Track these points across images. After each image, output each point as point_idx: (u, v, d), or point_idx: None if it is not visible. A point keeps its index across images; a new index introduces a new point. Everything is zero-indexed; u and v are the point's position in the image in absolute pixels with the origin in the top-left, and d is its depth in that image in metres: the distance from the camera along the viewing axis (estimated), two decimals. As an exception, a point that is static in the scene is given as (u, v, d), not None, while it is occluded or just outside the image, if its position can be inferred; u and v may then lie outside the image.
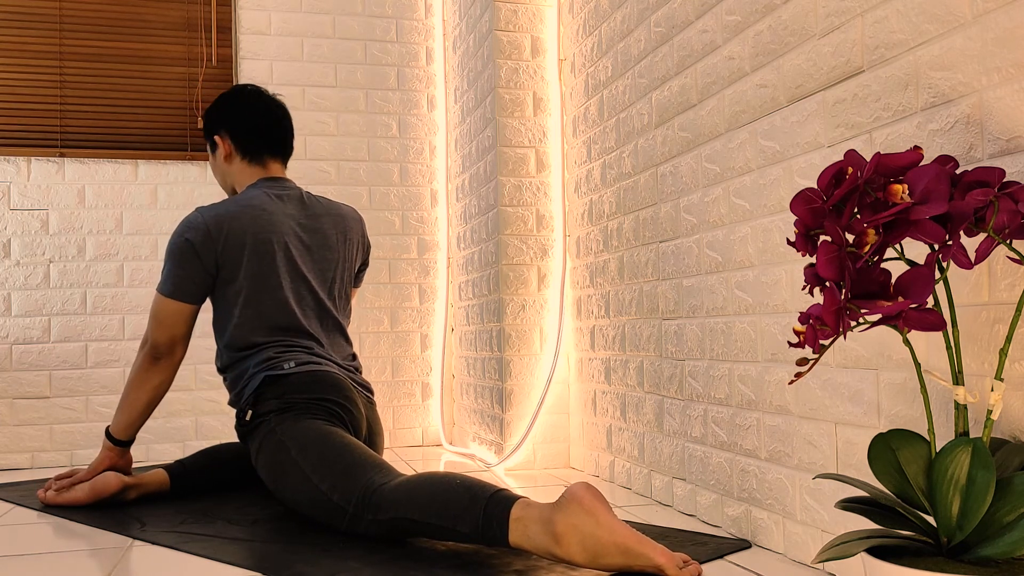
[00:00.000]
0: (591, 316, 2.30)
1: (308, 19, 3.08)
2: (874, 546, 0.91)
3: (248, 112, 2.11)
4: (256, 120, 2.10)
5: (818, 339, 0.92)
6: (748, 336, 1.54)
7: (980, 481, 0.86)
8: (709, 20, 1.67)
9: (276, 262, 1.98)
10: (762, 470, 1.50)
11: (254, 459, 1.86)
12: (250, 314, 1.95)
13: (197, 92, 2.97)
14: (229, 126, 2.12)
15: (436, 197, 3.16)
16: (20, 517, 1.90)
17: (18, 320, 2.79)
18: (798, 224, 0.96)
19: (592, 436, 2.30)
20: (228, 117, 2.12)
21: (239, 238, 1.95)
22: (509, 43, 2.49)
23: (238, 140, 2.11)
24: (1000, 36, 1.02)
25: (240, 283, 1.96)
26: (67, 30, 2.88)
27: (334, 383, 1.89)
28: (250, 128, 2.10)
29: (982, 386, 1.05)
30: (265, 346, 1.94)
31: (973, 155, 1.06)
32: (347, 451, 1.66)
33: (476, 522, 1.39)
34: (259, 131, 2.10)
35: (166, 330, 1.98)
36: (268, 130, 2.11)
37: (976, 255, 0.90)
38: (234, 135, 2.11)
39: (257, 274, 1.96)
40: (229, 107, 2.13)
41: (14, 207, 2.81)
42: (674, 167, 1.82)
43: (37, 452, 2.78)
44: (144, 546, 1.60)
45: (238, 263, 1.96)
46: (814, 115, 1.36)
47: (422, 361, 3.12)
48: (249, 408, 1.88)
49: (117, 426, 2.02)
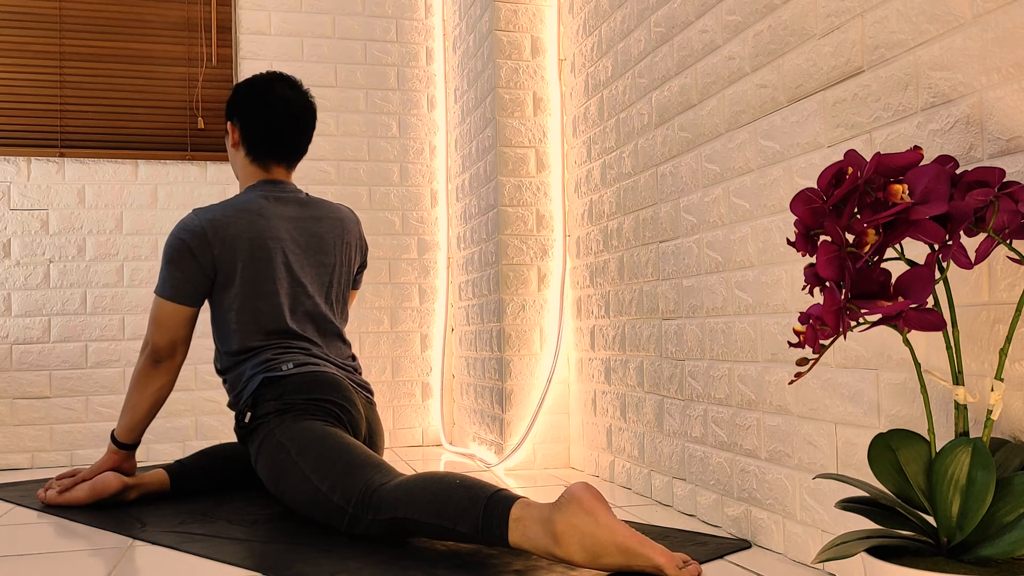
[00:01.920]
0: (591, 316, 2.30)
1: (308, 19, 3.08)
2: (874, 546, 0.91)
3: (261, 112, 2.04)
4: (266, 124, 2.04)
5: (818, 339, 0.92)
6: (748, 336, 1.54)
7: (980, 481, 0.86)
8: (709, 20, 1.67)
9: (272, 267, 1.97)
10: (762, 470, 1.50)
11: (254, 460, 1.85)
12: (246, 319, 1.95)
13: (197, 92, 2.97)
14: (241, 119, 2.07)
15: (436, 197, 3.16)
16: (20, 517, 1.90)
17: (18, 320, 2.79)
18: (798, 224, 0.96)
19: (592, 436, 2.30)
20: (242, 110, 2.07)
21: (235, 243, 1.94)
22: (509, 43, 2.49)
23: (246, 137, 2.07)
24: (1000, 36, 1.02)
25: (236, 288, 1.95)
26: (67, 30, 2.88)
27: (333, 384, 1.88)
28: (258, 130, 2.05)
29: (982, 386, 1.05)
30: (262, 349, 1.94)
31: (973, 155, 1.06)
32: (346, 451, 1.66)
33: (476, 522, 1.39)
34: (267, 136, 2.05)
35: (166, 333, 1.97)
36: (277, 135, 2.05)
37: (976, 255, 0.90)
38: (243, 131, 2.07)
39: (253, 279, 1.95)
40: (246, 99, 2.06)
41: (14, 207, 2.81)
42: (674, 167, 1.82)
43: (37, 452, 2.78)
44: (144, 546, 1.60)
45: (234, 267, 1.95)
46: (814, 115, 1.36)
47: (422, 361, 3.12)
48: (248, 410, 1.88)
49: (121, 430, 2.02)
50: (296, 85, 2.09)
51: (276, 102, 2.05)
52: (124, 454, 2.03)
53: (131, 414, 2.00)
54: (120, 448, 2.02)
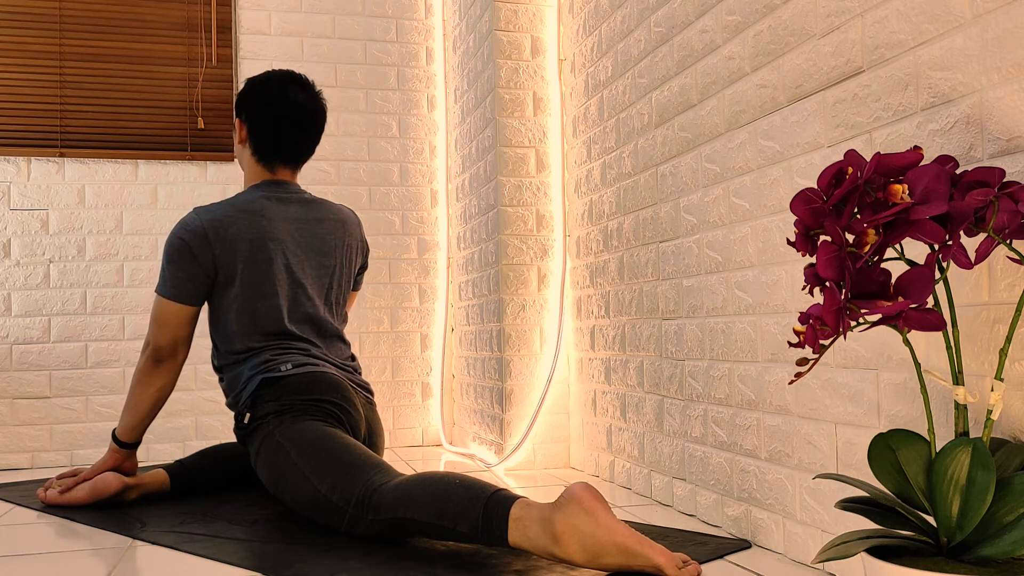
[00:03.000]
0: (591, 316, 2.30)
1: (308, 19, 3.08)
2: (874, 546, 0.91)
3: (271, 114, 2.03)
4: (274, 128, 2.03)
5: (818, 339, 0.92)
6: (748, 336, 1.54)
7: (980, 481, 0.86)
8: (709, 20, 1.67)
9: (273, 268, 1.96)
10: (762, 470, 1.50)
11: (253, 461, 1.85)
12: (245, 320, 1.95)
13: (197, 92, 2.97)
14: (249, 118, 2.05)
15: (436, 197, 3.16)
16: (20, 517, 1.90)
17: (18, 320, 2.79)
18: (798, 224, 0.96)
19: (592, 436, 2.30)
20: (250, 108, 2.05)
21: (236, 243, 1.94)
22: (509, 43, 2.49)
23: (254, 137, 2.06)
24: (1000, 36, 1.02)
25: (236, 288, 1.95)
26: (67, 30, 2.88)
27: (332, 384, 1.88)
28: (266, 132, 2.03)
29: (982, 386, 1.05)
30: (261, 350, 1.94)
31: (973, 155, 1.06)
32: (346, 452, 1.66)
33: (475, 522, 1.39)
34: (273, 137, 2.03)
35: (168, 332, 1.97)
36: (283, 137, 2.04)
37: (976, 255, 0.90)
38: (251, 130, 2.06)
39: (253, 280, 1.95)
40: (254, 97, 2.05)
41: (14, 207, 2.81)
42: (674, 167, 1.82)
43: (37, 452, 2.78)
44: (144, 546, 1.60)
45: (234, 268, 1.95)
46: (814, 115, 1.36)
47: (422, 361, 3.12)
48: (247, 411, 1.88)
49: (122, 429, 2.02)
50: (308, 86, 2.07)
51: (286, 106, 2.03)
52: (125, 453, 2.03)
53: (132, 413, 2.00)
54: (121, 447, 2.02)
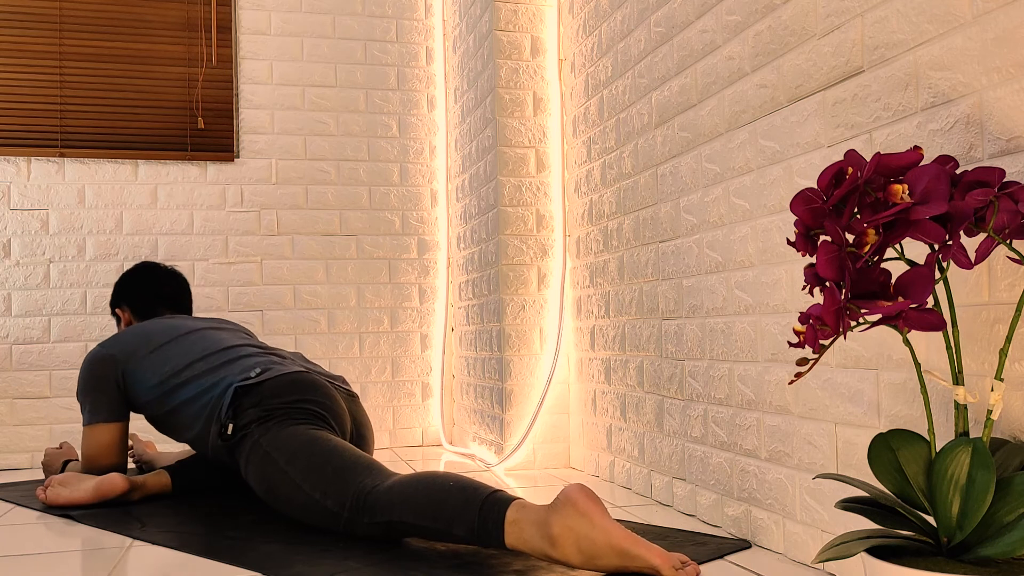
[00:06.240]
0: (591, 316, 2.30)
1: (308, 19, 3.08)
2: (874, 546, 0.91)
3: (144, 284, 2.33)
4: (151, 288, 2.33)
5: (818, 339, 0.92)
6: (748, 336, 1.54)
7: (980, 481, 0.86)
8: (709, 20, 1.67)
9: (197, 335, 2.08)
10: (762, 470, 1.50)
11: (244, 473, 1.79)
12: (181, 361, 2.02)
13: (197, 92, 2.97)
14: (129, 300, 2.33)
15: (436, 197, 3.16)
16: (20, 517, 1.90)
17: (18, 320, 2.79)
18: (798, 224, 0.96)
19: (592, 436, 2.30)
20: (127, 293, 2.33)
21: (147, 343, 2.08)
22: (509, 43, 2.49)
23: (136, 309, 2.32)
24: (1000, 36, 1.02)
25: (157, 352, 2.06)
26: (67, 30, 2.88)
27: (310, 384, 1.87)
28: (146, 295, 2.32)
29: (982, 386, 1.05)
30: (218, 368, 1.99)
31: (973, 155, 1.06)
32: (335, 455, 1.64)
33: (472, 525, 1.39)
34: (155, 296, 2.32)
35: (113, 457, 2.08)
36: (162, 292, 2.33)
37: (976, 255, 0.89)
38: (133, 306, 2.32)
39: (173, 339, 2.07)
40: (127, 285, 2.34)
41: (14, 207, 2.81)
42: (674, 167, 1.82)
43: (37, 452, 2.78)
44: (144, 546, 1.60)
45: (146, 347, 2.07)
46: (814, 115, 1.36)
47: (422, 361, 3.12)
48: (230, 422, 1.83)
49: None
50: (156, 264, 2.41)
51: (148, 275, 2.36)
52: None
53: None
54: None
